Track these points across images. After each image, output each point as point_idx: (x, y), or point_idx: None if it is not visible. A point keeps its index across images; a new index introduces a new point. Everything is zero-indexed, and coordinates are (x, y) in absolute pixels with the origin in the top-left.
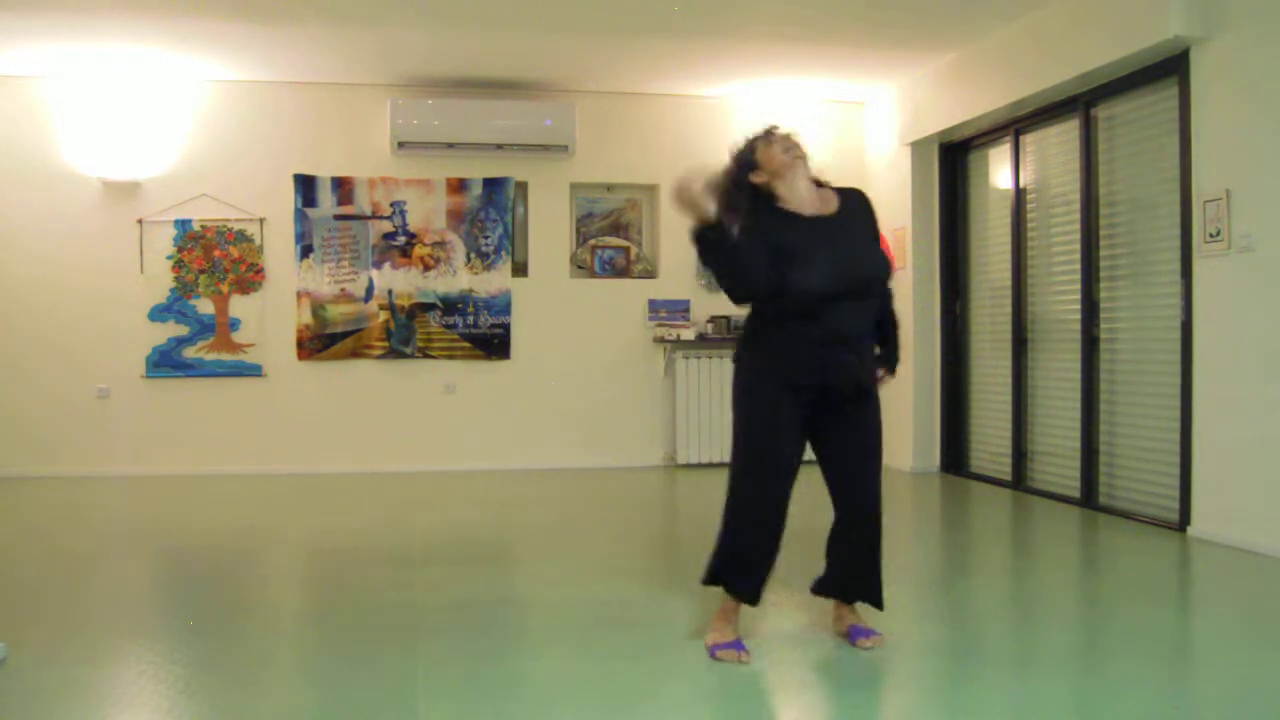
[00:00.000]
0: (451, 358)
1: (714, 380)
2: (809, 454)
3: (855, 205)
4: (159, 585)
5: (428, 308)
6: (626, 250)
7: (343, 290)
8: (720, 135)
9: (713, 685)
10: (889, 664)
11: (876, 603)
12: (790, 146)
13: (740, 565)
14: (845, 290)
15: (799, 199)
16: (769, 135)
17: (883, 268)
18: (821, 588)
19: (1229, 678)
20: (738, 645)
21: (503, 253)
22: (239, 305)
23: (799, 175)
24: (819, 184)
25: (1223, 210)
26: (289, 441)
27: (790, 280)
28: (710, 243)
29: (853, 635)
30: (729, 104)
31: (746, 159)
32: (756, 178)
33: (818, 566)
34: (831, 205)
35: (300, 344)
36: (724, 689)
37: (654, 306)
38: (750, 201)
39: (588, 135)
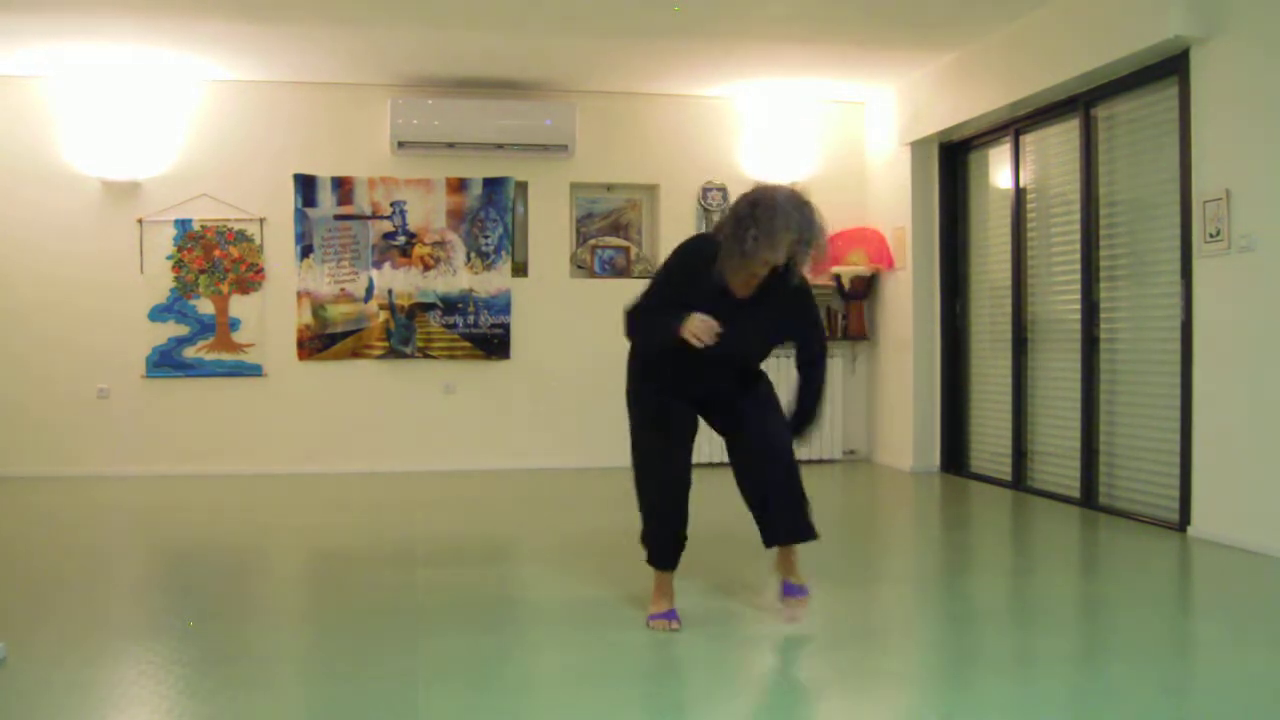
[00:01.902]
0: (451, 358)
1: None
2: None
3: (778, 295)
4: (159, 585)
5: (428, 308)
6: (626, 250)
7: (343, 290)
8: (720, 135)
9: (714, 686)
10: (889, 664)
11: (807, 534)
12: (769, 260)
13: (657, 541)
14: (721, 360)
15: (736, 282)
16: (768, 238)
17: (756, 358)
18: (768, 538)
19: (1229, 678)
20: (669, 615)
21: (503, 253)
22: (239, 305)
23: (749, 275)
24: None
25: (1223, 210)
26: (289, 441)
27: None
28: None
29: (784, 590)
30: (729, 104)
31: (742, 238)
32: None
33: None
34: (752, 291)
35: (300, 344)
36: (724, 689)
37: None
38: (709, 259)
39: (588, 135)
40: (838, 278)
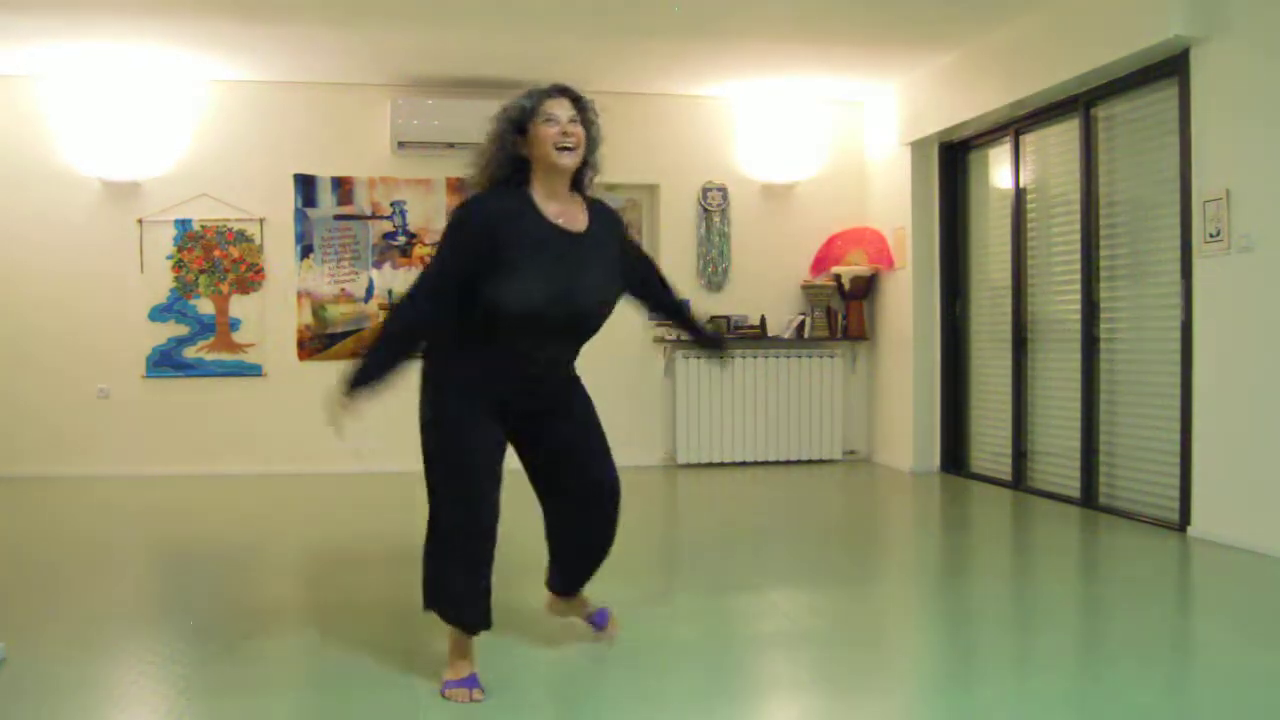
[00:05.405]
0: None
1: (714, 380)
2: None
3: (605, 225)
4: (159, 585)
5: None
6: None
7: (343, 290)
8: (720, 135)
9: (712, 687)
10: (888, 664)
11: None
12: (570, 133)
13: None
14: (561, 322)
15: (547, 199)
16: (549, 102)
17: (604, 313)
18: (559, 584)
19: (1229, 678)
20: (470, 683)
21: None
22: (239, 305)
23: (561, 175)
24: (579, 192)
25: (1223, 210)
26: (289, 441)
27: (501, 296)
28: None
29: (599, 621)
30: (729, 104)
31: (519, 120)
32: (522, 149)
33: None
34: (579, 222)
35: (300, 344)
36: (724, 689)
37: None
38: (509, 173)
39: None
40: (838, 278)
